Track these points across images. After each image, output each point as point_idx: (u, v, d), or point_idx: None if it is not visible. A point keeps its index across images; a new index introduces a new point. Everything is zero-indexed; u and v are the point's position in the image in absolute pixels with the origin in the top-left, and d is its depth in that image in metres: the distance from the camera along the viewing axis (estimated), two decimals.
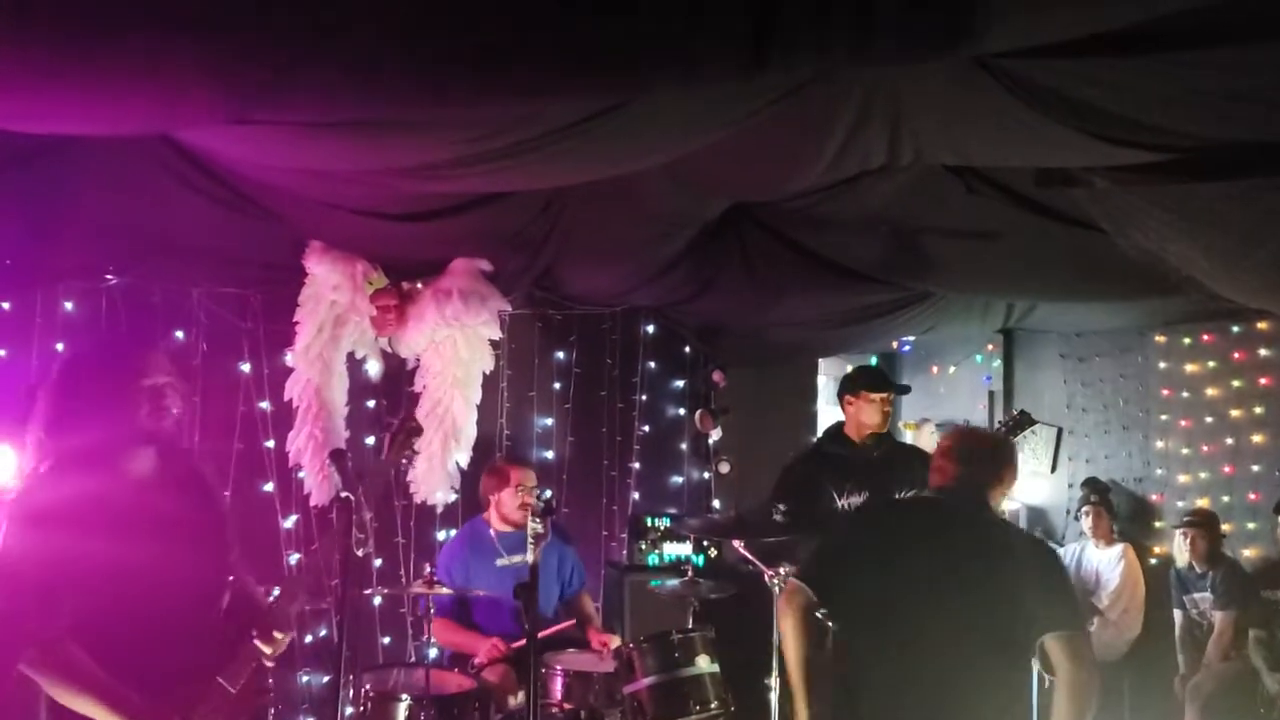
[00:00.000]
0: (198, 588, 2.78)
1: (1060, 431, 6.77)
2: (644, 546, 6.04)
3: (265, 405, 5.03)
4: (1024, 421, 4.62)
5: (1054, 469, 6.84)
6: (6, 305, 4.54)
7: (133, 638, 2.59)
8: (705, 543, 6.00)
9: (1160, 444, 6.30)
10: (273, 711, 2.56)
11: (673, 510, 6.30)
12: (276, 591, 3.08)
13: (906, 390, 5.65)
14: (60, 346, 4.62)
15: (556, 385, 6.04)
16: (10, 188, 3.72)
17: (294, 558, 5.01)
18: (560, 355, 6.05)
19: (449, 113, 2.98)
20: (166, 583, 2.65)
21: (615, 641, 4.66)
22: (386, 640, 5.36)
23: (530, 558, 3.38)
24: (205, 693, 2.67)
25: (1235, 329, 5.99)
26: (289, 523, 5.05)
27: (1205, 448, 6.10)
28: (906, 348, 7.64)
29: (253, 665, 2.78)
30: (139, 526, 2.63)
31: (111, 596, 2.56)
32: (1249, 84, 2.68)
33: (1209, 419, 6.09)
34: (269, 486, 5.03)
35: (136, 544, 2.59)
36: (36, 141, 3.36)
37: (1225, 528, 5.75)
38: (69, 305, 4.67)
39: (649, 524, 6.08)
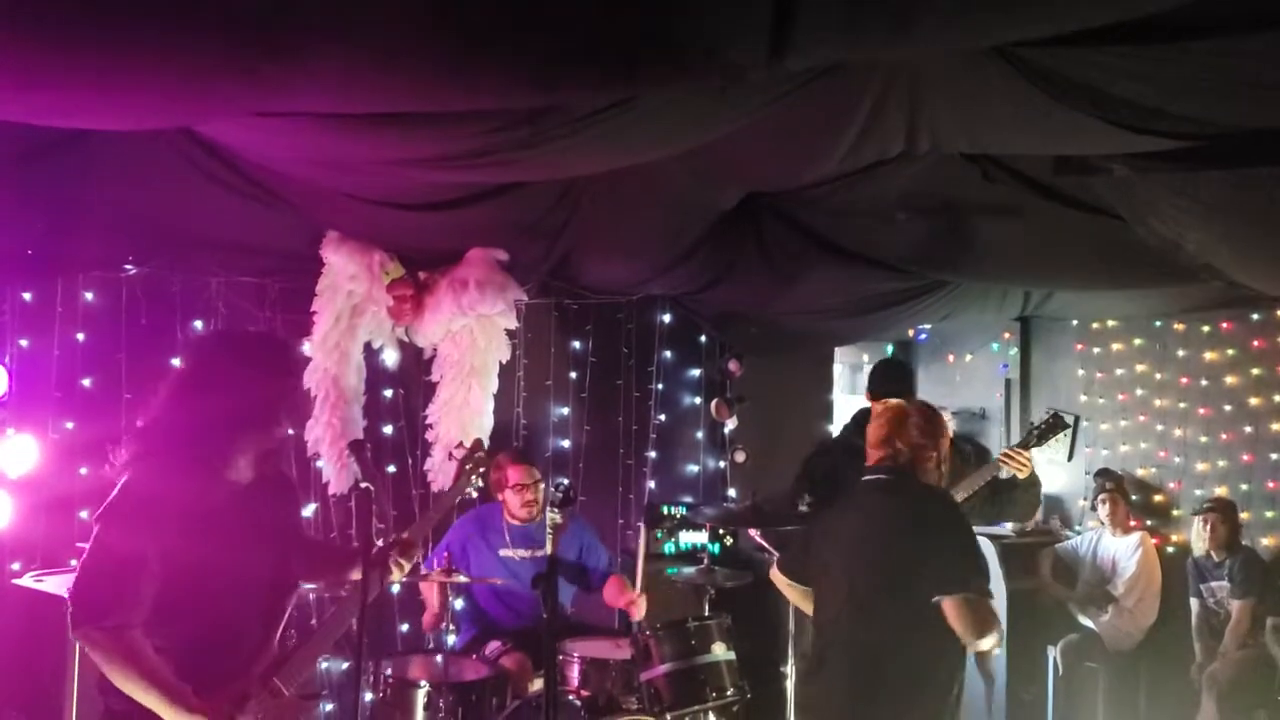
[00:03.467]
0: (268, 591, 2.82)
1: (1077, 420, 6.75)
2: (660, 535, 6.06)
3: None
4: (1056, 425, 4.54)
5: (1071, 457, 6.82)
6: (28, 296, 4.58)
7: (199, 634, 2.65)
8: (721, 531, 6.01)
9: (1178, 432, 6.28)
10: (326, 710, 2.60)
11: (688, 499, 6.32)
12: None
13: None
14: (81, 336, 4.66)
15: (573, 374, 6.05)
16: (30, 179, 3.75)
17: None
18: (576, 344, 6.06)
19: (466, 104, 2.98)
20: (240, 585, 2.71)
21: (641, 607, 4.66)
22: (405, 627, 5.40)
23: (549, 548, 3.39)
24: (260, 692, 2.71)
25: (1255, 316, 5.95)
26: (308, 511, 5.09)
27: (1224, 436, 6.07)
28: (923, 336, 7.62)
29: (308, 669, 2.83)
30: (225, 530, 2.68)
31: (186, 593, 2.61)
32: (1270, 71, 2.67)
33: (1228, 407, 6.06)
34: None
35: (219, 547, 2.65)
36: (56, 133, 3.39)
37: (1244, 516, 5.74)
38: (89, 295, 4.71)
39: (665, 512, 6.10)
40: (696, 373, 6.50)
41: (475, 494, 4.35)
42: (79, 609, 2.56)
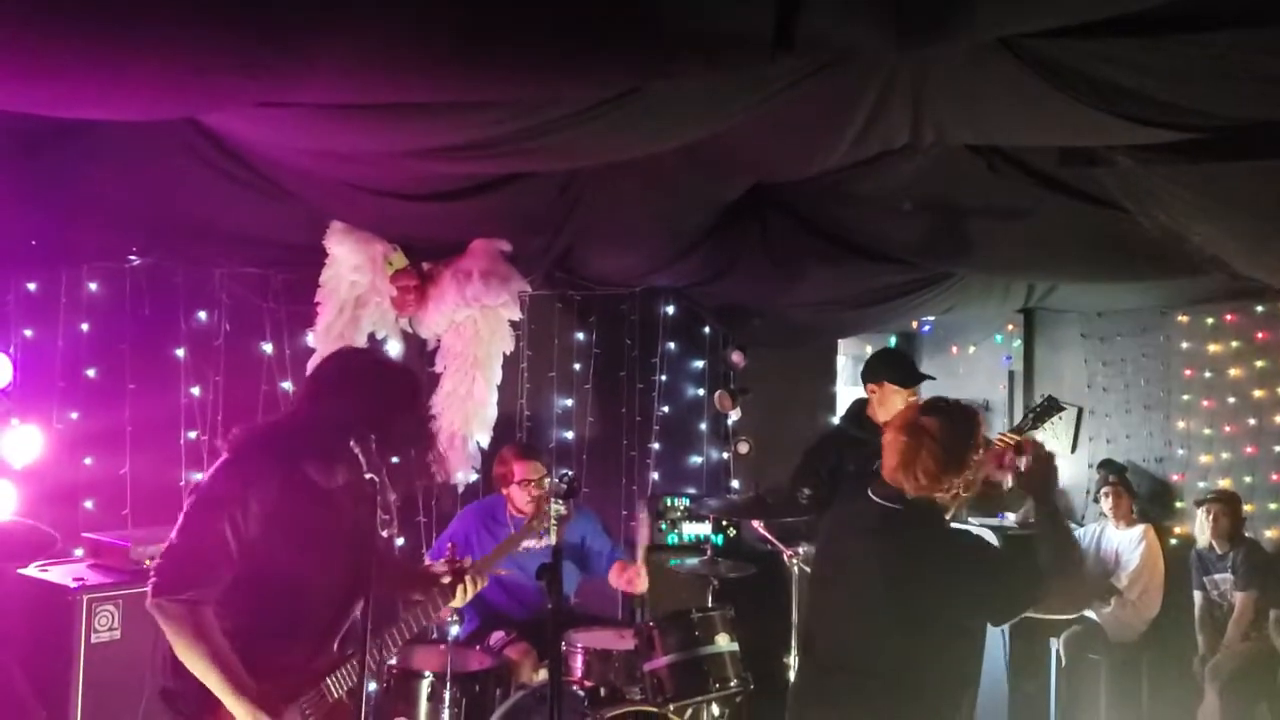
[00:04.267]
0: (337, 594, 2.89)
1: (1081, 411, 6.74)
2: (664, 526, 6.07)
3: (287, 385, 5.06)
4: (1051, 408, 4.57)
5: (1074, 449, 6.82)
6: (32, 286, 4.58)
7: (263, 624, 2.75)
8: (724, 522, 6.02)
9: (1182, 424, 6.27)
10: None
11: (692, 490, 6.33)
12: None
13: (930, 378, 5.65)
14: (85, 327, 4.66)
15: (576, 366, 6.05)
16: (35, 169, 3.75)
17: None
18: (580, 336, 6.06)
19: (469, 95, 2.98)
20: (311, 584, 2.82)
21: (643, 580, 4.70)
22: None
23: (553, 539, 3.40)
24: (310, 690, 2.80)
25: (1259, 309, 5.95)
26: None
27: (1227, 428, 6.07)
28: (926, 328, 7.62)
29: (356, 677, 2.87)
30: (306, 529, 2.78)
31: (258, 583, 2.72)
32: (1276, 64, 2.66)
33: (1231, 399, 6.06)
34: None
35: (298, 544, 2.76)
36: (61, 124, 3.38)
37: (1247, 508, 5.74)
38: (93, 286, 4.71)
39: (668, 504, 6.11)
40: (700, 364, 6.51)
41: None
42: (160, 579, 2.68)
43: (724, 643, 4.17)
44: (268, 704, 2.65)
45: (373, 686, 4.03)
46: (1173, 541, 6.16)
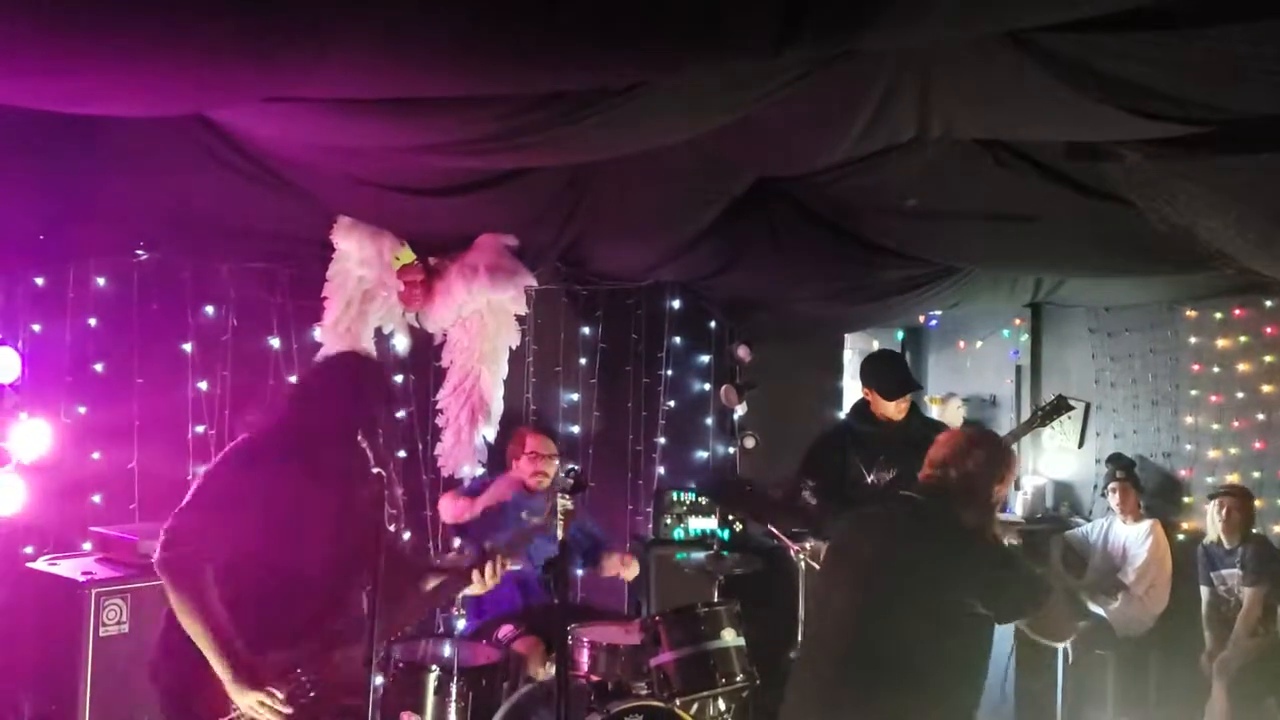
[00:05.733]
0: (335, 579, 2.96)
1: (1088, 407, 6.73)
2: (669, 521, 6.07)
3: (294, 380, 5.07)
4: (1060, 407, 4.56)
5: (1081, 444, 6.81)
6: (40, 281, 4.59)
7: (260, 596, 2.84)
8: (730, 517, 6.02)
9: (1190, 419, 6.26)
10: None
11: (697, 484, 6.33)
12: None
13: (920, 389, 5.69)
14: (92, 321, 4.67)
15: (582, 360, 6.05)
16: (43, 164, 3.76)
17: None
18: (586, 330, 6.06)
19: (477, 89, 2.98)
20: (311, 566, 2.90)
21: (633, 568, 4.80)
22: None
23: (559, 534, 3.40)
24: (303, 671, 2.86)
25: (1268, 303, 5.92)
26: None
27: (1236, 423, 6.05)
28: (933, 322, 7.60)
29: (354, 666, 2.92)
30: (310, 515, 2.88)
31: (262, 563, 2.83)
32: None
33: (1240, 394, 6.04)
34: None
35: (302, 525, 2.86)
36: (69, 119, 3.39)
37: (1256, 503, 5.72)
38: (101, 281, 4.71)
39: (674, 498, 6.11)
40: (706, 359, 6.50)
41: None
42: (168, 534, 2.79)
43: (730, 638, 4.17)
44: (255, 673, 2.73)
45: (379, 680, 4.04)
46: (1180, 537, 6.14)
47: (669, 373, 6.30)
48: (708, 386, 6.48)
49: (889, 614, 3.08)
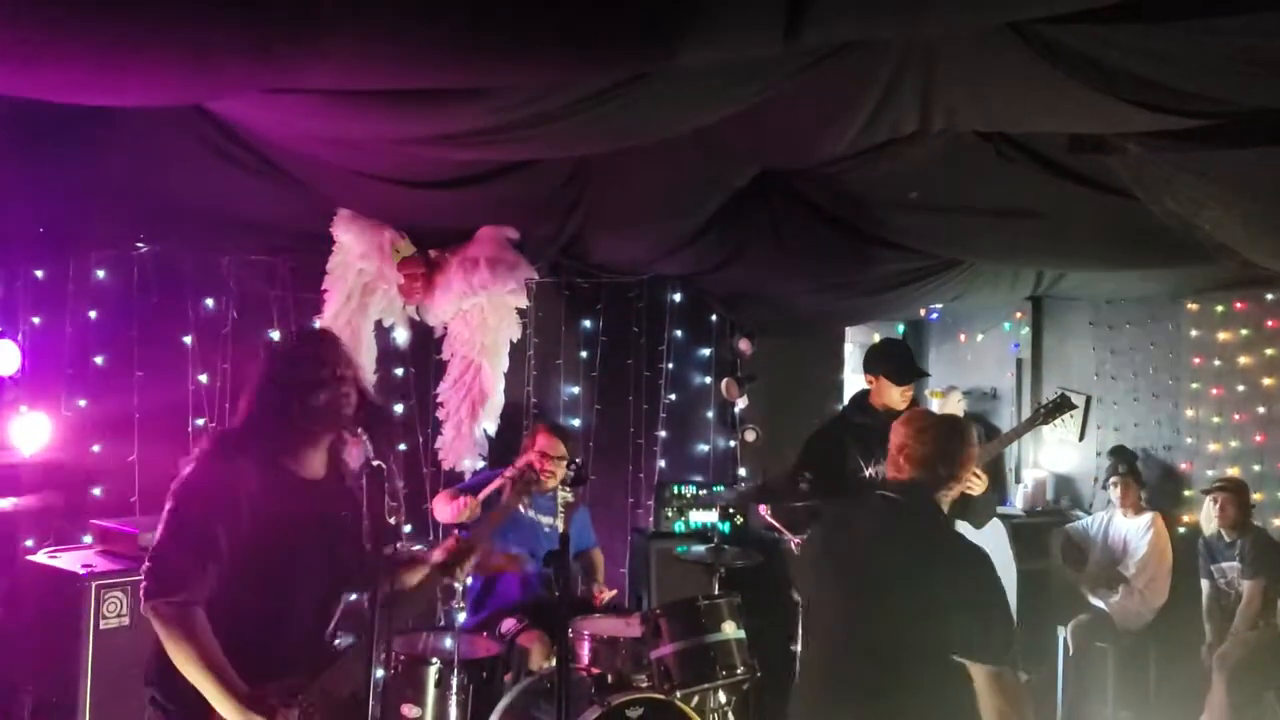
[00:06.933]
0: (323, 587, 2.90)
1: (1089, 400, 6.73)
2: (670, 514, 6.07)
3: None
4: (1063, 405, 4.54)
5: (1082, 437, 6.81)
6: (40, 273, 4.59)
7: (252, 620, 2.72)
8: (731, 510, 6.02)
9: (1191, 412, 6.26)
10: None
11: (698, 478, 6.33)
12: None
13: (925, 375, 5.68)
14: (93, 314, 4.67)
15: (583, 354, 6.05)
16: (42, 156, 3.75)
17: None
18: (587, 324, 6.06)
19: (478, 80, 2.97)
20: (297, 578, 2.80)
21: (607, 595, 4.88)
22: None
23: (561, 526, 3.40)
24: (307, 688, 2.77)
25: (1269, 296, 5.92)
26: None
27: (1236, 416, 6.05)
28: (934, 315, 7.60)
29: (359, 672, 2.85)
30: (288, 522, 2.76)
31: (246, 579, 2.70)
32: None
33: (1240, 387, 6.04)
34: None
35: (283, 538, 2.74)
36: (68, 110, 3.38)
37: (1256, 497, 5.72)
38: (101, 273, 4.72)
39: (675, 491, 6.11)
40: (707, 352, 6.50)
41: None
42: (152, 582, 2.64)
43: (730, 630, 4.17)
44: (260, 705, 2.61)
45: (380, 674, 4.04)
46: (1181, 530, 6.15)
47: (670, 366, 6.30)
48: (709, 380, 6.48)
49: (878, 611, 3.05)
